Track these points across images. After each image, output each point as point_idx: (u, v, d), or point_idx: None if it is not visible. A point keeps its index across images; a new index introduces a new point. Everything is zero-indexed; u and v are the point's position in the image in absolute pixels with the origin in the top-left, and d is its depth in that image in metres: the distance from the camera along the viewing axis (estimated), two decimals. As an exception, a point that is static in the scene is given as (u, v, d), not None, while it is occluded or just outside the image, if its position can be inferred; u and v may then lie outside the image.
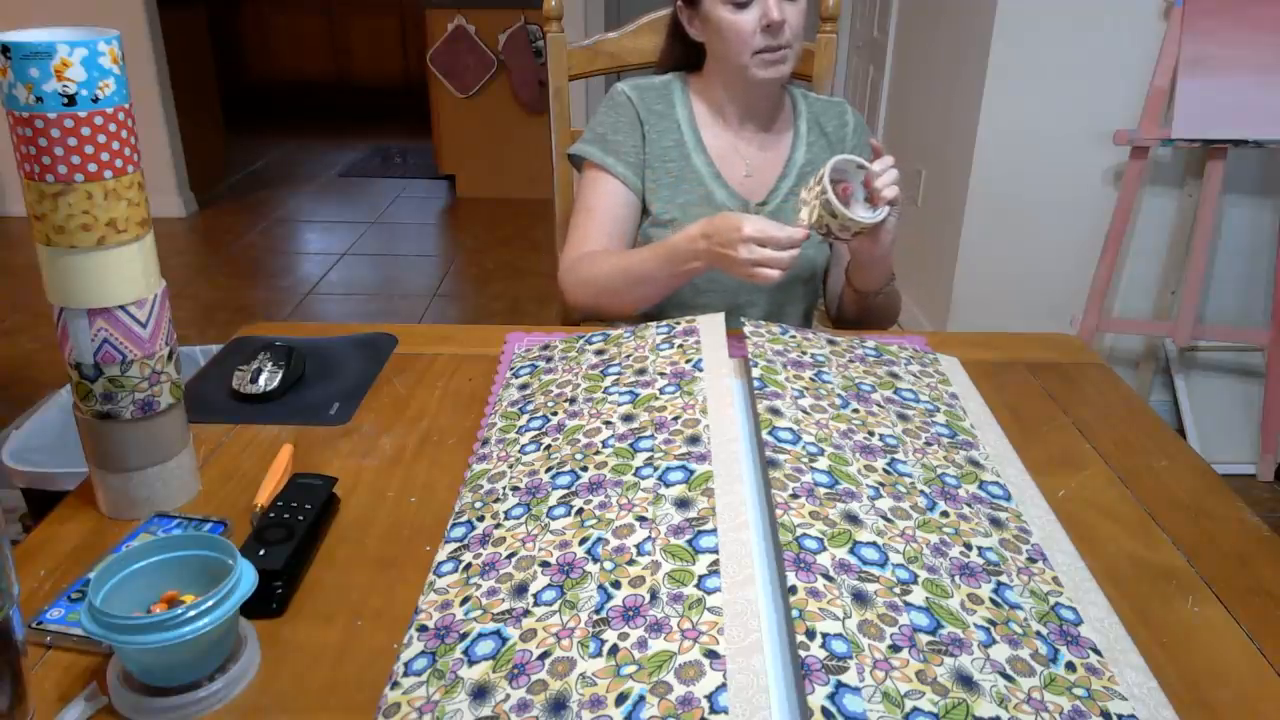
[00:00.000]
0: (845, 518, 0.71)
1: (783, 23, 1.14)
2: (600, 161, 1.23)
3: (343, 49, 6.15)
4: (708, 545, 0.67)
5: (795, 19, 1.15)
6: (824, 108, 1.30)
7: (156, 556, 0.63)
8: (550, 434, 0.87)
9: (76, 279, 0.70)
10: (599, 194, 1.24)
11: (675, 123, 1.25)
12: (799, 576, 0.63)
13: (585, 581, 0.66)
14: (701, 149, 1.25)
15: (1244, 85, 2.00)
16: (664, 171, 1.24)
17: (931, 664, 0.58)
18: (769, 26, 1.14)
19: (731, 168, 1.25)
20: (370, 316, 3.25)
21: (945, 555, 0.69)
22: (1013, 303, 2.41)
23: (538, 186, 4.46)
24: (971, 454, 0.85)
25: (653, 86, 1.27)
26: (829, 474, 0.76)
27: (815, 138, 1.28)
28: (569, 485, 0.78)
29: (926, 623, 0.62)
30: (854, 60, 3.64)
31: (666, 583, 0.64)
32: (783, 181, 1.26)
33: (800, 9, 1.16)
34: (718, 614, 0.61)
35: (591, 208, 1.24)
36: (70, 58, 0.65)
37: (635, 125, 1.24)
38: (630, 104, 1.24)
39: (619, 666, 0.58)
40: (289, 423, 0.94)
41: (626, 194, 1.24)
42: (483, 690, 0.58)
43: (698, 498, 0.73)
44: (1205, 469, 0.89)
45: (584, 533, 0.71)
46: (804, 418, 0.84)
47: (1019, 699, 0.57)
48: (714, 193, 1.24)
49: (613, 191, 1.24)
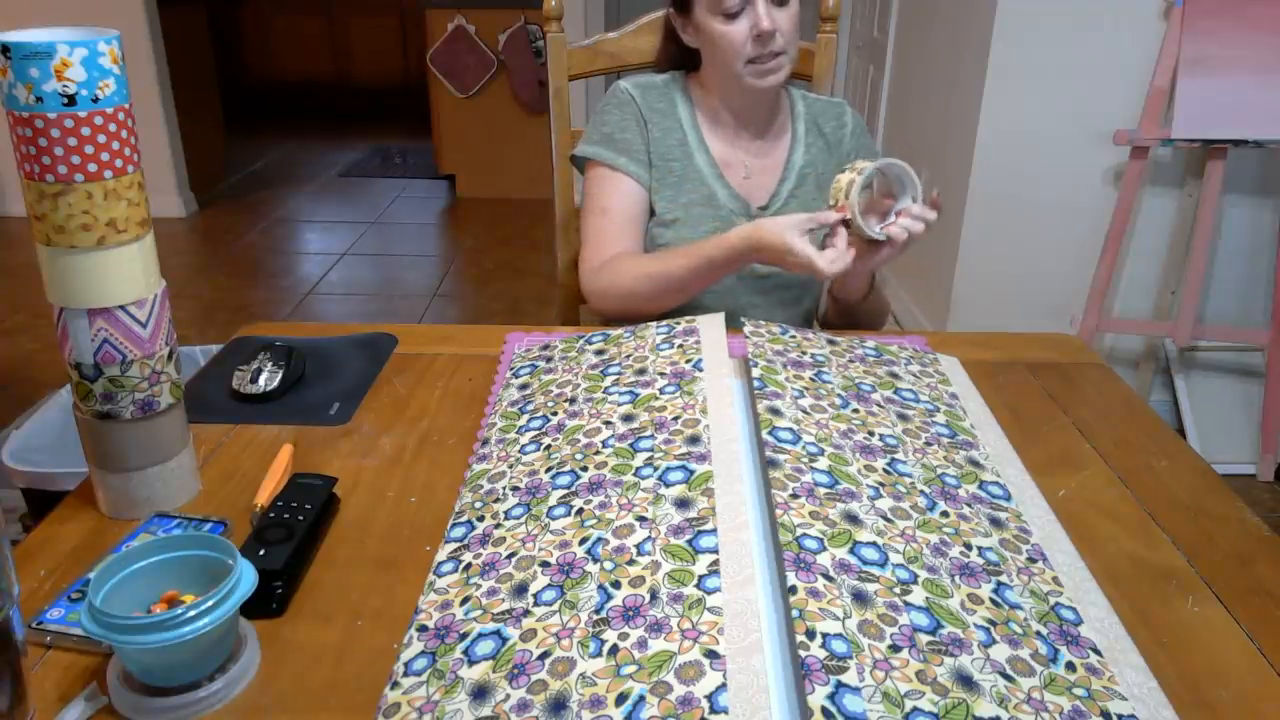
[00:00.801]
0: (845, 518, 0.71)
1: (773, 31, 1.13)
2: (611, 162, 1.22)
3: (343, 49, 6.15)
4: (708, 545, 0.67)
5: (787, 24, 1.14)
6: (823, 108, 1.30)
7: (156, 556, 0.63)
8: (550, 434, 0.87)
9: (76, 279, 0.70)
10: (613, 194, 1.23)
11: (677, 122, 1.25)
12: (799, 576, 0.63)
13: (585, 581, 0.66)
14: (704, 148, 1.25)
15: (1244, 85, 2.00)
16: (667, 171, 1.24)
17: (931, 664, 0.58)
18: (759, 36, 1.13)
19: (732, 168, 1.25)
20: (370, 316, 3.25)
21: (945, 555, 0.69)
22: (1013, 303, 2.41)
23: (538, 186, 4.46)
24: (971, 454, 0.85)
25: (654, 85, 1.26)
26: (829, 474, 0.76)
27: (814, 139, 1.28)
28: (569, 485, 0.78)
29: (926, 623, 0.62)
30: (854, 60, 3.64)
31: (666, 583, 0.64)
32: (783, 185, 1.26)
33: (792, 14, 1.15)
34: (718, 614, 0.61)
35: (606, 208, 1.23)
36: (70, 58, 0.65)
37: (640, 123, 1.23)
38: (633, 102, 1.24)
39: (619, 666, 0.58)
40: (289, 423, 0.94)
41: (639, 191, 1.23)
42: (483, 690, 0.58)
43: (698, 498, 0.73)
44: (1205, 469, 0.89)
45: (584, 533, 0.71)
46: (804, 418, 0.84)
47: (1019, 699, 0.57)
48: (716, 193, 1.24)
49: (626, 191, 1.23)
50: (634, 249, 1.23)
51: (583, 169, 1.28)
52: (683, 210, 1.23)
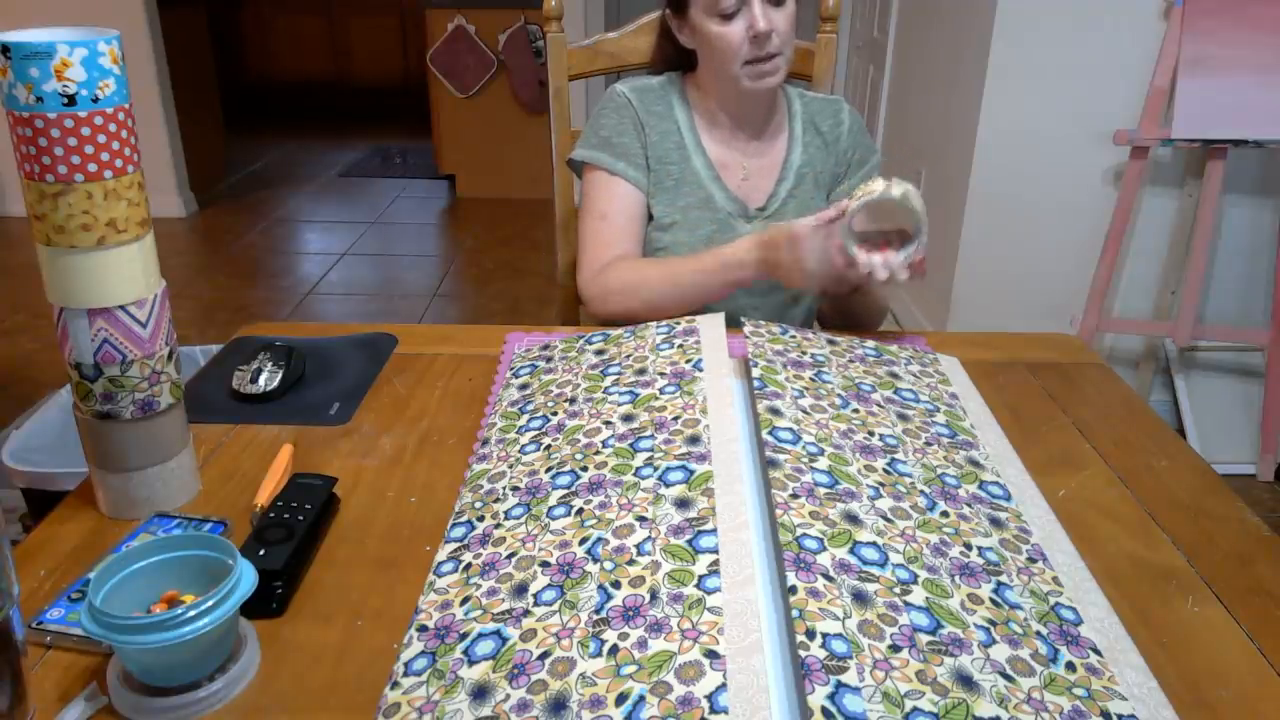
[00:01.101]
0: (845, 518, 0.71)
1: (770, 32, 1.11)
2: (610, 166, 1.21)
3: (343, 49, 6.15)
4: (708, 545, 0.67)
5: (784, 25, 1.13)
6: (820, 107, 1.30)
7: (156, 556, 0.63)
8: (550, 434, 0.87)
9: (76, 279, 0.70)
10: (612, 197, 1.22)
11: (675, 124, 1.24)
12: (799, 576, 0.63)
13: (585, 581, 0.66)
14: (701, 151, 1.24)
15: (1244, 85, 2.00)
16: (665, 174, 1.23)
17: (931, 664, 0.58)
18: (756, 37, 1.11)
19: (729, 170, 1.25)
20: (370, 316, 3.25)
21: (945, 555, 0.69)
22: (1013, 303, 2.41)
23: (538, 186, 4.46)
24: (971, 454, 0.85)
25: (651, 88, 1.25)
26: (829, 474, 0.76)
27: (811, 138, 1.28)
28: (569, 485, 0.78)
29: (926, 623, 0.62)
30: (854, 60, 3.64)
31: (666, 583, 0.64)
32: (781, 185, 1.26)
33: (789, 14, 1.14)
34: (718, 614, 0.61)
35: (605, 213, 1.22)
36: (70, 58, 0.65)
37: (637, 127, 1.22)
38: (630, 105, 1.23)
39: (619, 666, 0.58)
40: (289, 423, 0.94)
41: (637, 195, 1.22)
42: (483, 690, 0.58)
43: (698, 498, 0.73)
44: (1205, 469, 0.89)
45: (584, 533, 0.71)
46: (804, 418, 0.84)
47: (1019, 699, 0.57)
48: (714, 195, 1.23)
49: (625, 194, 1.22)
50: (633, 253, 1.22)
51: (580, 173, 1.28)
52: (680, 213, 1.23)
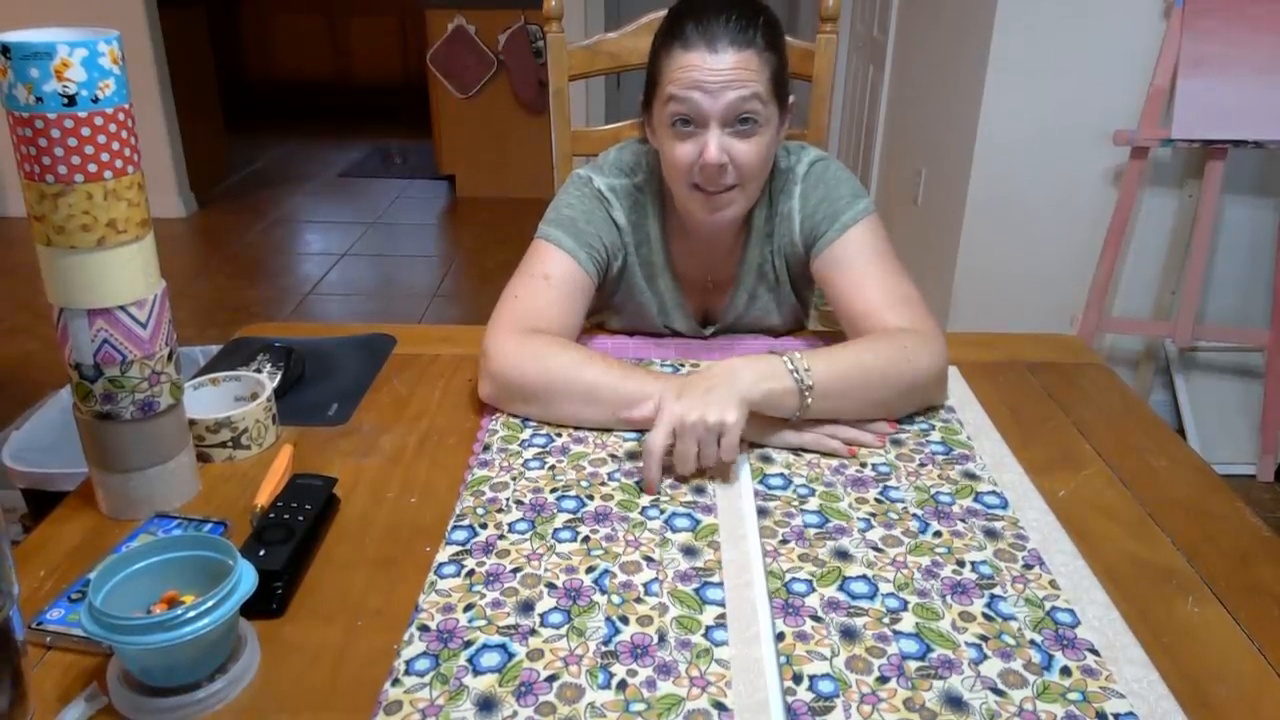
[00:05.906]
0: (835, 554, 0.73)
1: (722, 165, 0.95)
2: (571, 251, 1.04)
3: (343, 49, 6.15)
4: (714, 598, 0.69)
5: (746, 158, 0.96)
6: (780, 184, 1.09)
7: (156, 557, 0.63)
8: (554, 454, 0.88)
9: (76, 279, 0.70)
10: (562, 267, 1.04)
11: (646, 235, 1.11)
12: (786, 622, 0.66)
13: (593, 611, 0.67)
14: (668, 271, 1.13)
15: (1244, 85, 2.00)
16: (631, 286, 1.13)
17: (920, 690, 0.60)
18: (704, 167, 0.96)
19: (692, 287, 1.15)
20: (370, 316, 3.25)
21: (937, 576, 0.71)
22: (1013, 303, 2.41)
23: (538, 186, 4.46)
24: (968, 467, 0.87)
25: (628, 191, 1.10)
26: (819, 513, 0.79)
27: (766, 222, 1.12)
28: (575, 511, 0.79)
29: (915, 649, 0.64)
30: (854, 60, 3.64)
31: (674, 628, 0.66)
32: (738, 296, 1.14)
33: (758, 144, 0.96)
34: (725, 667, 0.62)
35: (550, 275, 1.03)
36: (70, 58, 0.65)
37: (611, 228, 1.09)
38: (604, 204, 1.09)
39: (628, 702, 0.59)
40: (289, 423, 0.94)
41: (588, 282, 1.05)
42: (489, 702, 0.59)
43: (704, 548, 0.75)
44: (1205, 469, 0.89)
45: (590, 561, 0.73)
46: (795, 460, 0.87)
47: (1009, 713, 0.59)
48: (672, 317, 1.15)
49: (575, 278, 1.04)
50: (569, 332, 1.02)
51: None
52: (633, 314, 1.15)
